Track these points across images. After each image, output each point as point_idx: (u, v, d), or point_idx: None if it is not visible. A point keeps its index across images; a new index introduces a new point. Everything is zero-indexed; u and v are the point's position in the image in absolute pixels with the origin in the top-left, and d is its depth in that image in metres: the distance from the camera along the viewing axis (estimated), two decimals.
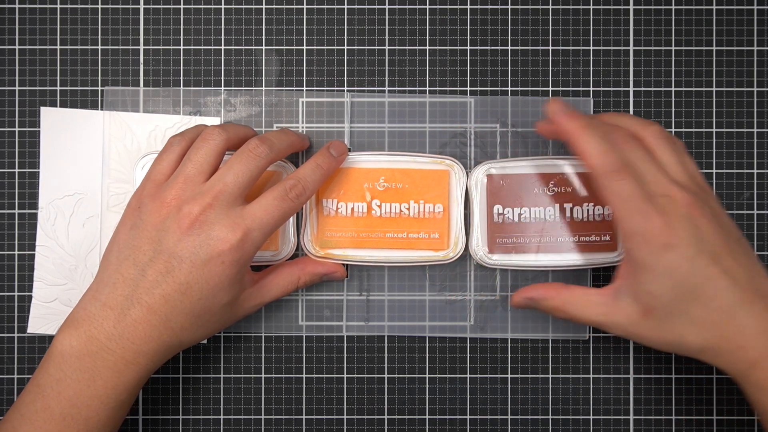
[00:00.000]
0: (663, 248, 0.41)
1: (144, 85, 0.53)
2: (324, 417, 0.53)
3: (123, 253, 0.45)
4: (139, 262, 0.44)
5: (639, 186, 0.42)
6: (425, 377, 0.53)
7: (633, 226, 0.42)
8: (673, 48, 0.53)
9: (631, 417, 0.53)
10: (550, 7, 0.53)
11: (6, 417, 0.44)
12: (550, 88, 0.53)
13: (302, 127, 0.53)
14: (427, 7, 0.53)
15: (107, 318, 0.44)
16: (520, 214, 0.51)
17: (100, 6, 0.53)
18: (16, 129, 0.53)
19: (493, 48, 0.53)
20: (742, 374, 0.42)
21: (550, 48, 0.53)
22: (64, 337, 0.44)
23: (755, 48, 0.53)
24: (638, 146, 0.44)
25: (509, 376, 0.53)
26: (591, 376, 0.53)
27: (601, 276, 0.53)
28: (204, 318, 0.45)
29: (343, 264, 0.51)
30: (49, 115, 0.52)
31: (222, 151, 0.47)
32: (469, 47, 0.53)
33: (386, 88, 0.53)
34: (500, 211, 0.51)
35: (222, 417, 0.53)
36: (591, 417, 0.53)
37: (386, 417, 0.53)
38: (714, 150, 0.53)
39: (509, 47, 0.53)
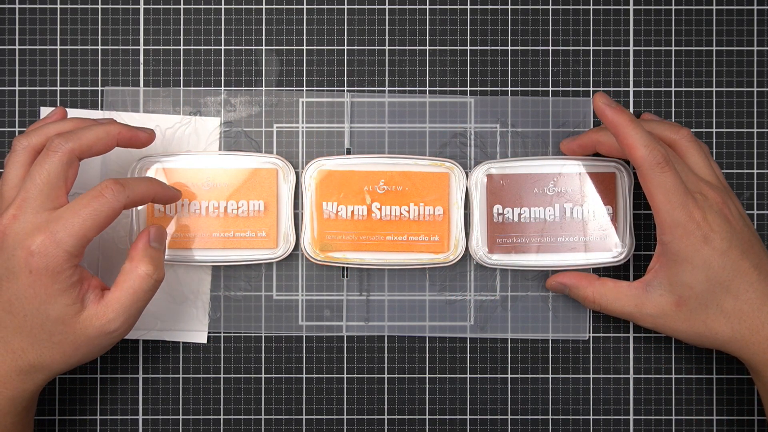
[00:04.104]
0: (702, 241, 0.44)
1: (144, 85, 0.53)
2: (324, 417, 0.53)
3: None
4: None
5: (680, 180, 0.44)
6: (425, 377, 0.53)
7: (675, 217, 0.44)
8: (673, 48, 0.53)
9: (631, 417, 0.53)
10: (550, 7, 0.53)
11: None
12: (550, 88, 0.53)
13: (302, 127, 0.53)
14: (427, 7, 0.53)
15: None
16: (520, 214, 0.51)
17: (100, 6, 0.53)
18: (16, 129, 0.53)
19: (493, 48, 0.53)
20: (766, 363, 0.45)
21: (550, 48, 0.53)
22: None
23: (755, 48, 0.53)
24: (669, 149, 0.46)
25: (509, 376, 0.53)
26: (591, 376, 0.53)
27: (600, 276, 0.53)
28: (42, 337, 0.43)
29: (345, 266, 0.51)
30: None
31: (29, 161, 0.45)
32: (469, 47, 0.53)
33: (386, 88, 0.53)
34: (500, 210, 0.51)
35: (222, 417, 0.53)
36: (591, 417, 0.53)
37: (386, 417, 0.53)
38: (714, 150, 0.53)
39: (509, 47, 0.53)
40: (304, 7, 0.53)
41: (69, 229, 0.42)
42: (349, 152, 0.52)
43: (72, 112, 0.52)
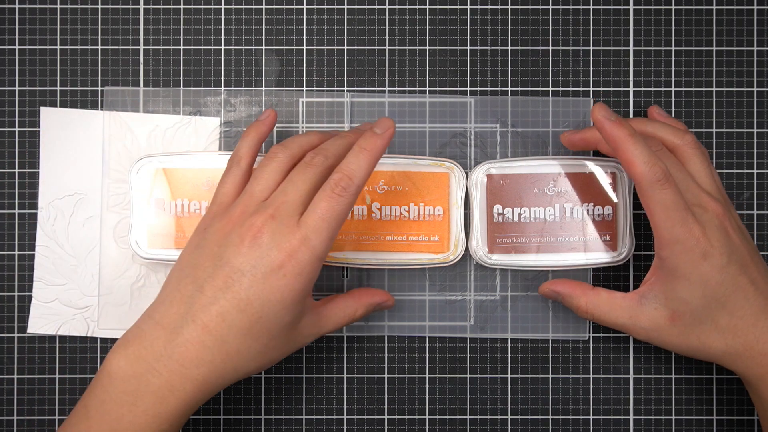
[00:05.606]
0: (701, 257, 0.43)
1: (144, 85, 0.53)
2: (324, 417, 0.53)
3: (184, 271, 0.43)
4: (199, 279, 0.42)
5: (680, 196, 0.43)
6: (425, 377, 0.53)
7: (674, 234, 0.43)
8: (673, 48, 0.53)
9: (631, 417, 0.53)
10: (550, 7, 0.53)
11: None
12: (550, 88, 0.53)
13: (302, 128, 0.53)
14: (427, 7, 0.53)
15: (158, 337, 0.41)
16: (519, 214, 0.51)
17: (100, 6, 0.53)
18: (16, 129, 0.53)
19: (493, 48, 0.53)
20: (761, 378, 0.44)
21: (550, 48, 0.53)
22: (114, 357, 0.42)
23: (755, 48, 0.53)
24: (671, 156, 0.46)
25: (509, 376, 0.53)
26: (591, 376, 0.53)
27: (601, 276, 0.53)
28: (262, 341, 0.42)
29: (345, 266, 0.51)
30: (49, 115, 0.52)
31: (287, 168, 0.45)
32: (469, 47, 0.53)
33: (386, 88, 0.53)
34: (500, 210, 0.51)
35: (222, 417, 0.53)
36: (591, 417, 0.53)
37: (386, 417, 0.53)
38: (714, 150, 0.53)
39: (509, 47, 0.53)
40: (304, 7, 0.53)
41: (320, 235, 0.42)
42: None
43: (72, 112, 0.52)
